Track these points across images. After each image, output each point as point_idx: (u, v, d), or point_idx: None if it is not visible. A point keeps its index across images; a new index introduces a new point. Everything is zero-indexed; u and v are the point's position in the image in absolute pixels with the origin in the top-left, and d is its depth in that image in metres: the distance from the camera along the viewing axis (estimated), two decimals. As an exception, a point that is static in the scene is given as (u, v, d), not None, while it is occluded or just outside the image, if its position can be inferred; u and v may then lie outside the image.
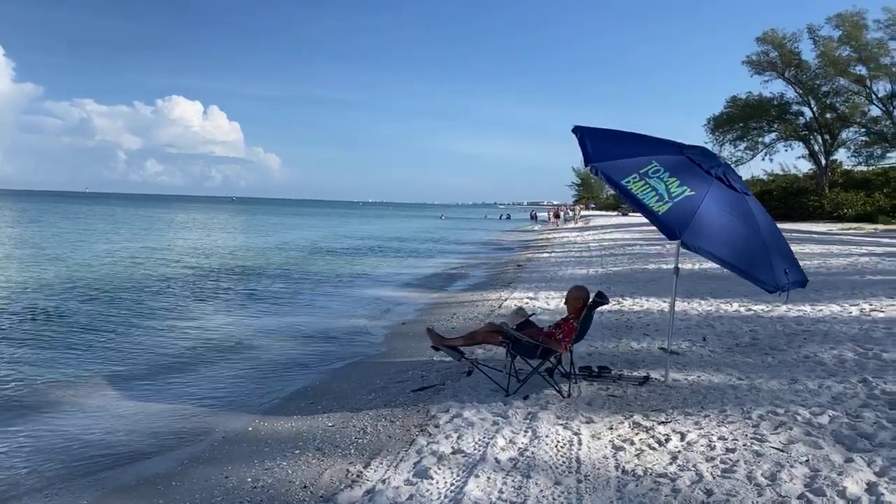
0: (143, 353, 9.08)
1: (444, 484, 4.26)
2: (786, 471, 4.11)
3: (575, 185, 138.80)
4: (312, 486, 4.47)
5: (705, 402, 5.61)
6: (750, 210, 5.67)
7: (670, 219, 5.19)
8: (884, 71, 47.30)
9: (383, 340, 9.86)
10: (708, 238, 5.19)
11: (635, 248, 23.63)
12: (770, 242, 5.58)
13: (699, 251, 5.12)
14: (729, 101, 56.44)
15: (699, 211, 5.25)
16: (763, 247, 5.45)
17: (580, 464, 4.45)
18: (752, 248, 5.37)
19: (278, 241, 34.97)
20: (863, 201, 46.99)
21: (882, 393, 5.57)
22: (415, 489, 4.19)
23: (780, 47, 51.98)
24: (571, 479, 4.23)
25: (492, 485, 4.18)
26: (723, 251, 5.18)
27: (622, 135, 6.13)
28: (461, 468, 4.48)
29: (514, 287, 14.38)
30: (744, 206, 5.64)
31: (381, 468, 4.64)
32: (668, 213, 5.22)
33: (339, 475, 4.61)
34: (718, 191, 5.53)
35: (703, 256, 5.23)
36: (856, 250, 19.02)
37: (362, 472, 4.61)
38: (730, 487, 3.94)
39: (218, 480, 4.72)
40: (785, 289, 5.41)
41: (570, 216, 67.23)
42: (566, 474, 4.30)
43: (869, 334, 7.83)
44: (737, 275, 5.35)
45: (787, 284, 5.44)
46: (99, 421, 6.30)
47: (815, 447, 4.48)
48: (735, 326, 8.89)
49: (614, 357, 7.49)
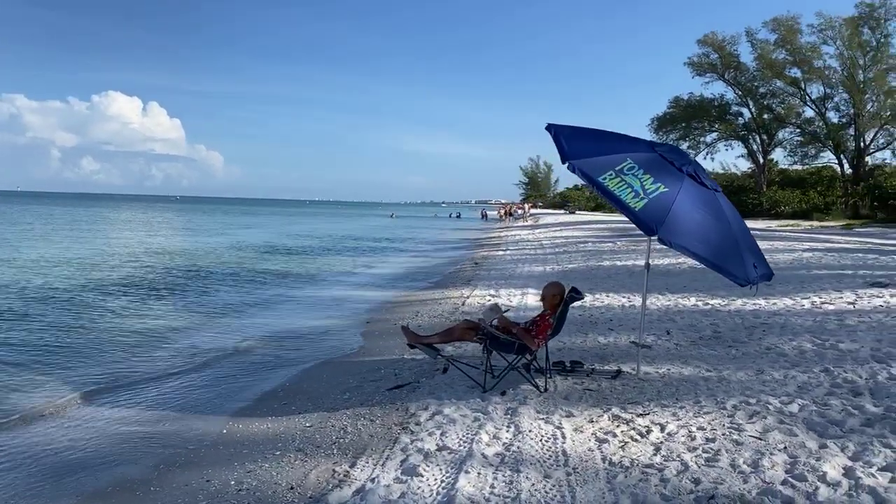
0: (104, 357, 8.76)
1: (434, 481, 4.25)
2: (766, 458, 4.25)
3: (522, 184, 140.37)
4: (300, 486, 4.40)
5: (679, 394, 5.75)
6: (720, 206, 5.85)
7: (646, 215, 5.30)
8: (817, 74, 49.42)
9: (350, 340, 9.77)
10: (683, 234, 5.32)
11: (588, 246, 24.04)
12: (740, 238, 5.76)
13: (675, 247, 5.24)
14: (672, 102, 58.17)
15: (673, 207, 5.38)
16: (734, 242, 5.62)
17: (567, 457, 4.50)
18: (724, 243, 5.54)
19: (230, 241, 34.22)
20: (798, 199, 48.97)
21: (844, 381, 5.81)
22: (405, 487, 4.17)
23: (720, 50, 53.77)
24: (560, 472, 4.28)
25: (483, 480, 4.19)
26: (698, 247, 5.32)
27: (595, 133, 6.22)
28: (449, 465, 4.48)
29: (475, 285, 14.44)
30: (715, 203, 5.80)
31: (368, 467, 4.60)
32: (644, 209, 5.33)
33: (325, 475, 4.55)
34: (690, 187, 5.67)
35: (679, 252, 5.35)
36: (798, 246, 19.76)
37: (349, 471, 4.56)
38: (715, 476, 4.05)
39: (199, 484, 4.60)
40: (755, 282, 5.59)
41: (520, 214, 68.00)
42: (555, 468, 4.35)
43: (823, 326, 8.15)
44: (711, 269, 5.50)
45: (756, 278, 5.62)
46: (64, 428, 6.06)
47: (790, 434, 4.65)
48: (695, 320, 9.13)
49: (583, 352, 7.60)
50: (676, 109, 57.58)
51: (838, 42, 47.89)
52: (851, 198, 45.09)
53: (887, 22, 46.24)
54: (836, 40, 47.99)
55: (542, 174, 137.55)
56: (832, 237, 25.78)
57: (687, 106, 56.94)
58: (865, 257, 15.57)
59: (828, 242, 21.60)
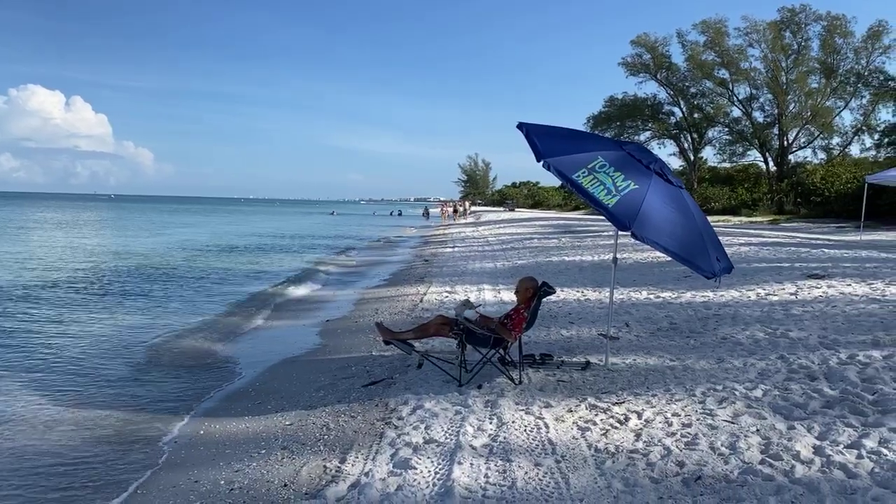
0: (57, 359, 8.45)
1: (428, 473, 4.33)
2: (742, 440, 4.50)
3: (461, 182, 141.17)
4: (293, 483, 4.41)
5: (649, 383, 5.99)
6: (686, 203, 6.11)
7: (619, 211, 5.50)
8: (743, 75, 51.51)
9: (311, 338, 9.71)
10: (654, 229, 5.54)
11: (534, 242, 24.46)
12: (704, 232, 6.03)
13: (647, 241, 5.46)
14: (607, 101, 59.69)
15: (644, 204, 5.59)
16: (700, 237, 5.89)
17: (554, 445, 4.65)
18: (691, 238, 5.80)
19: (171, 240, 33.18)
20: (727, 195, 50.91)
21: (800, 367, 6.17)
22: (401, 479, 4.23)
23: (653, 50, 55.40)
24: (550, 460, 4.42)
25: (477, 470, 4.29)
26: (668, 242, 5.55)
27: (565, 131, 6.41)
28: (440, 457, 4.57)
29: (429, 282, 14.52)
30: (681, 199, 6.06)
31: (359, 462, 4.63)
32: (616, 205, 5.53)
33: (317, 471, 4.57)
34: (658, 185, 5.91)
35: (651, 247, 5.57)
36: (734, 241, 20.61)
37: (340, 467, 4.59)
38: (698, 458, 4.27)
39: (188, 486, 4.55)
40: (718, 275, 5.87)
41: (461, 211, 68.63)
42: (543, 456, 4.49)
43: (771, 316, 8.59)
44: (679, 263, 5.75)
45: (719, 271, 5.91)
46: (29, 433, 5.84)
47: (759, 418, 4.92)
48: (650, 312, 9.47)
49: (549, 344, 7.80)
50: (612, 108, 59.07)
51: (763, 45, 50.02)
52: (776, 194, 47.19)
53: (807, 27, 48.66)
54: (761, 43, 50.10)
55: (480, 172, 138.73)
56: (762, 232, 27.02)
57: (622, 105, 58.52)
58: (799, 251, 16.41)
59: (760, 237, 22.63)
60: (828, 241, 20.76)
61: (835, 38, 47.41)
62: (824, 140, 51.13)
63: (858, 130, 49.28)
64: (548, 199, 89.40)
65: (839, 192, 38.60)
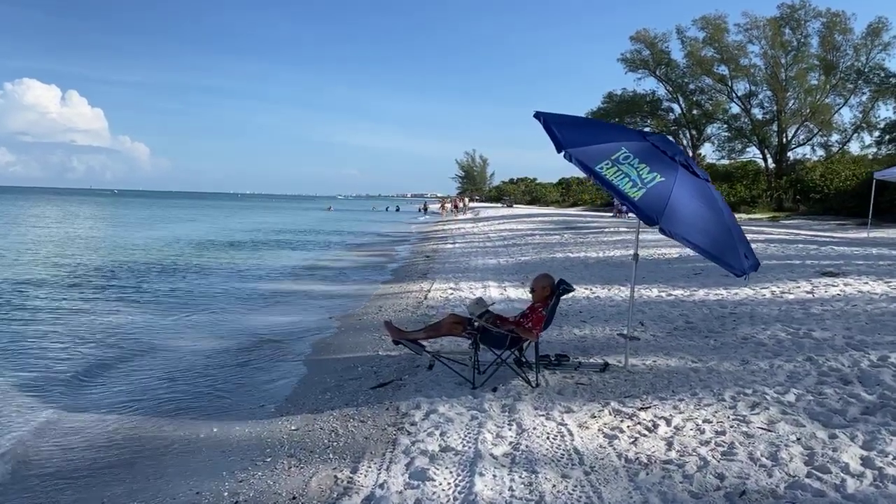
0: (56, 359, 8.10)
1: (447, 485, 4.03)
2: (783, 450, 4.20)
3: (458, 178, 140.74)
4: (302, 496, 4.10)
5: (674, 386, 5.70)
6: (713, 196, 5.81)
7: (646, 205, 5.19)
8: (743, 71, 51.26)
9: (315, 337, 9.37)
10: (683, 224, 5.24)
11: (536, 238, 24.15)
12: (733, 227, 5.74)
13: (676, 237, 5.15)
14: (605, 97, 59.34)
15: (671, 197, 5.28)
16: (729, 232, 5.59)
17: (580, 455, 4.35)
18: (721, 234, 5.49)
19: (170, 234, 32.61)
20: (726, 192, 50.62)
21: (830, 370, 5.88)
22: (419, 492, 3.93)
23: (652, 46, 55.09)
24: (578, 471, 4.12)
25: (500, 483, 3.99)
26: (698, 237, 5.25)
27: (585, 121, 6.12)
28: (459, 466, 4.27)
29: (432, 278, 14.21)
30: (708, 193, 5.76)
31: (373, 472, 4.33)
32: (643, 199, 5.22)
33: (327, 482, 4.26)
34: (685, 177, 5.60)
35: (680, 243, 5.27)
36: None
37: (352, 477, 4.28)
38: (738, 470, 3.98)
39: (188, 497, 4.24)
40: (748, 272, 5.57)
41: (461, 207, 68.48)
42: (570, 467, 4.19)
43: (790, 315, 8.31)
44: (710, 261, 5.44)
45: (749, 268, 5.61)
46: (31, 436, 5.53)
47: (797, 425, 4.63)
48: (664, 311, 9.18)
49: (562, 344, 7.49)
50: (610, 104, 58.75)
51: (762, 41, 49.74)
52: (775, 191, 46.94)
53: (807, 23, 48.40)
54: (761, 39, 49.83)
55: (477, 168, 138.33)
56: (764, 229, 26.78)
57: (620, 101, 58.21)
58: (807, 248, 16.15)
59: (763, 234, 22.38)
60: (834, 238, 20.52)
61: (834, 35, 47.14)
62: (823, 137, 50.95)
63: (858, 128, 49.07)
64: (545, 195, 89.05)
65: (839, 189, 38.41)
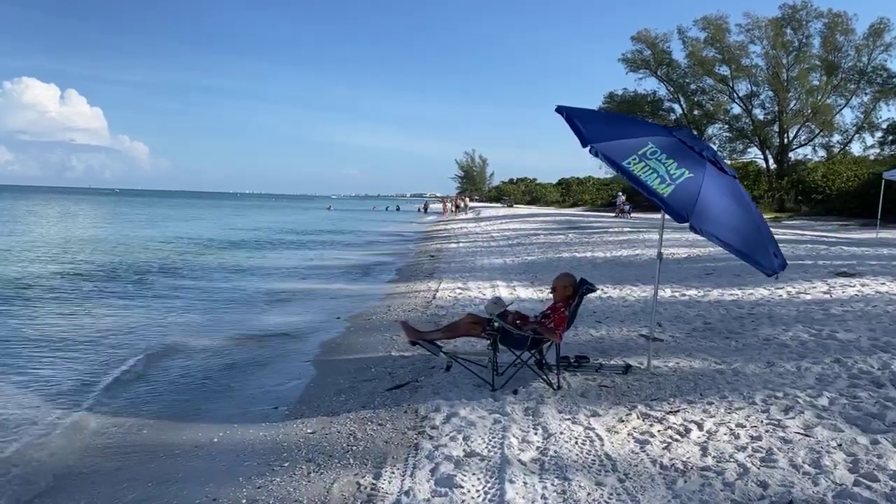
0: (65, 359, 7.90)
1: (477, 493, 3.85)
2: (825, 457, 4.03)
3: (458, 178, 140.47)
4: (325, 504, 3.92)
5: (701, 389, 5.53)
6: (742, 193, 5.65)
7: (675, 202, 5.03)
8: (744, 72, 51.13)
9: (324, 337, 9.17)
10: (714, 222, 5.08)
11: (540, 238, 23.98)
12: (762, 226, 5.57)
13: (707, 235, 4.99)
14: (606, 97, 59.18)
15: (701, 194, 5.12)
16: (759, 230, 5.43)
17: (613, 461, 4.18)
18: (751, 231, 5.33)
19: (174, 233, 32.42)
20: (728, 193, 50.56)
21: (861, 372, 5.72)
22: (447, 500, 3.76)
23: (653, 46, 54.95)
24: (612, 478, 3.95)
25: (532, 490, 3.82)
26: (728, 235, 5.09)
27: (609, 116, 6.01)
28: (487, 473, 4.09)
29: (439, 278, 14.03)
30: (737, 190, 5.60)
31: (396, 478, 4.15)
32: (672, 195, 5.06)
33: (349, 489, 4.08)
34: (713, 173, 5.43)
35: (711, 241, 5.10)
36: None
37: (375, 483, 4.11)
38: (780, 478, 3.81)
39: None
40: (778, 272, 5.41)
41: (462, 206, 68.35)
42: (604, 473, 4.02)
43: (810, 316, 8.15)
44: (741, 260, 5.28)
45: (778, 267, 5.44)
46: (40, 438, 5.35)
47: (835, 430, 4.46)
48: (679, 311, 9.02)
49: (580, 346, 7.33)
50: (611, 104, 58.57)
51: (764, 41, 49.65)
52: (777, 192, 46.83)
53: (809, 23, 48.30)
54: (762, 40, 49.74)
55: (477, 168, 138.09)
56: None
57: (621, 101, 57.99)
58: (816, 248, 16.01)
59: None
60: (843, 239, 20.37)
61: (836, 36, 47.08)
62: (825, 138, 50.89)
63: (860, 128, 48.98)
64: (545, 195, 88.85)
65: (841, 189, 38.30)
